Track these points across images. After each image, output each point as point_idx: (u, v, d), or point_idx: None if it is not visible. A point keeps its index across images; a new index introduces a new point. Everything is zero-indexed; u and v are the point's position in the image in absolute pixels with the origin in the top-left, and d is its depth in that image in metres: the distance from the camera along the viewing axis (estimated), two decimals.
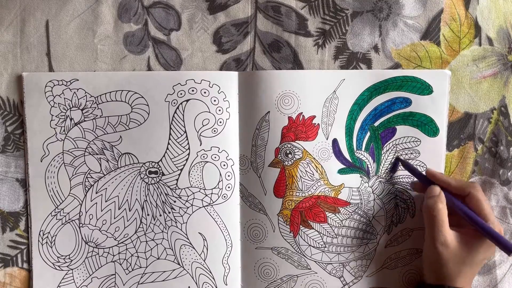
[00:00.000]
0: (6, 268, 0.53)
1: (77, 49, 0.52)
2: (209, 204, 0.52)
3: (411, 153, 0.53)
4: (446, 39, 0.52)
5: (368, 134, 0.53)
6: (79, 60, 0.52)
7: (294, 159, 0.52)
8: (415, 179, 0.52)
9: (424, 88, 0.52)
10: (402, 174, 0.53)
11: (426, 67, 0.52)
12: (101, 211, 0.52)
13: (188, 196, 0.52)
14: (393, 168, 0.53)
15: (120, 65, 0.52)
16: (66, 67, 0.52)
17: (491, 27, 0.52)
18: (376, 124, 0.53)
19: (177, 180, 0.52)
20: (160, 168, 0.52)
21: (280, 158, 0.52)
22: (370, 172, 0.53)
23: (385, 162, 0.53)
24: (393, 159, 0.53)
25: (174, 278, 0.53)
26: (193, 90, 0.51)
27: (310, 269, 0.53)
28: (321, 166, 0.52)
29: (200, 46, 0.52)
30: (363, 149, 0.53)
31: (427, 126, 0.52)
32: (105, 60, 0.52)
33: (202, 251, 0.52)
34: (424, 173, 0.51)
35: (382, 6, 0.52)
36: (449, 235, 0.46)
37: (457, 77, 0.53)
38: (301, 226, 0.52)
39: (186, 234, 0.52)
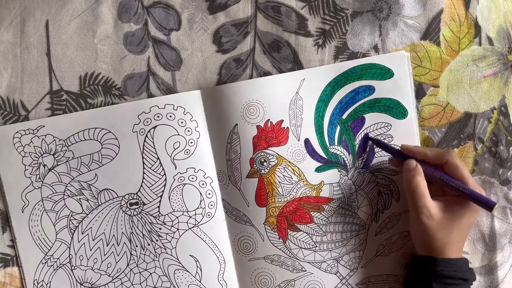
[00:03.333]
0: (6, 268, 0.53)
1: (77, 49, 0.52)
2: (195, 225, 0.52)
3: (384, 139, 0.53)
4: (446, 39, 0.53)
5: (338, 128, 0.53)
6: (79, 60, 0.52)
7: (270, 166, 0.52)
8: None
9: (385, 73, 0.52)
10: (380, 161, 0.53)
11: (426, 67, 0.53)
12: (90, 250, 0.52)
13: (172, 221, 0.52)
14: (365, 148, 0.53)
15: (120, 65, 0.52)
16: (66, 67, 0.52)
17: (491, 27, 0.53)
18: (344, 116, 0.53)
19: (158, 207, 0.52)
20: (140, 199, 0.52)
21: (256, 167, 0.52)
22: (348, 165, 0.53)
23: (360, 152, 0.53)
24: (363, 140, 0.53)
25: None
26: (158, 116, 0.51)
27: (306, 271, 0.53)
28: (298, 168, 0.52)
29: (200, 46, 0.52)
30: (336, 143, 0.53)
31: (395, 109, 0.53)
32: (105, 60, 0.52)
33: (196, 272, 0.53)
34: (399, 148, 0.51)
35: (382, 6, 0.52)
36: (432, 207, 0.46)
37: (457, 77, 0.53)
38: (288, 230, 0.53)
39: (178, 259, 0.52)
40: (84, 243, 0.52)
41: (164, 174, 0.52)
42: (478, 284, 0.54)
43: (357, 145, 0.53)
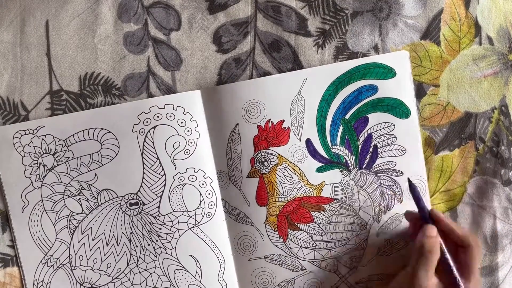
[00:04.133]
0: (6, 268, 0.53)
1: (77, 49, 0.52)
2: (195, 225, 0.52)
3: (388, 139, 0.53)
4: (446, 39, 0.52)
5: (341, 128, 0.53)
6: (79, 60, 0.52)
7: (271, 166, 0.52)
8: (410, 208, 0.51)
9: (387, 72, 0.52)
10: (384, 161, 0.53)
11: (426, 67, 0.52)
12: (90, 250, 0.52)
13: (172, 221, 0.52)
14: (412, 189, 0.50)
15: (120, 65, 0.52)
16: (66, 67, 0.52)
17: (491, 26, 0.52)
18: (347, 116, 0.53)
19: (158, 207, 0.52)
20: (139, 199, 0.52)
21: (257, 167, 0.52)
22: (350, 165, 0.53)
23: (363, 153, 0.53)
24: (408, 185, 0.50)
25: None
26: (158, 116, 0.51)
27: (305, 269, 0.53)
28: (299, 168, 0.52)
29: (200, 46, 0.52)
30: (338, 143, 0.53)
31: (398, 109, 0.52)
32: (105, 60, 0.52)
33: (196, 272, 0.53)
34: (429, 208, 0.49)
35: (382, 6, 0.52)
36: (431, 281, 0.45)
37: (458, 76, 0.53)
38: (289, 230, 0.53)
39: (178, 259, 0.52)
40: (84, 243, 0.52)
41: (164, 174, 0.52)
42: None
43: (360, 146, 0.53)
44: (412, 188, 0.49)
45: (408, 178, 0.50)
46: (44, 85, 0.52)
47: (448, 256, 0.46)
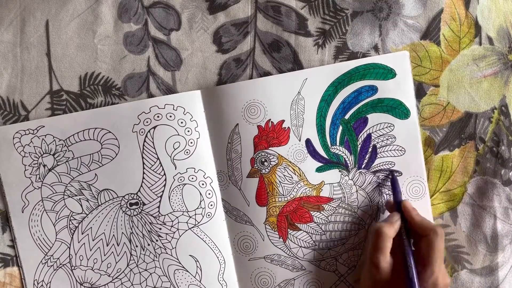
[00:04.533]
0: (6, 268, 0.53)
1: (77, 49, 0.52)
2: (195, 225, 0.52)
3: (387, 139, 0.53)
4: (446, 39, 0.53)
5: (341, 128, 0.53)
6: (79, 60, 0.52)
7: (270, 166, 0.52)
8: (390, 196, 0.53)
9: (387, 73, 0.52)
10: (382, 161, 0.53)
11: (426, 67, 0.52)
12: (90, 250, 0.52)
13: (172, 221, 0.52)
14: (392, 181, 0.52)
15: (120, 65, 0.52)
16: (66, 67, 0.52)
17: (491, 26, 0.52)
18: (347, 117, 0.53)
19: (158, 207, 0.52)
20: (140, 199, 0.52)
21: (257, 167, 0.52)
22: (349, 165, 0.53)
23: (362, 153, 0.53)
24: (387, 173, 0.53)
25: None
26: (158, 116, 0.51)
27: (305, 269, 0.53)
28: (299, 168, 0.52)
29: (200, 46, 0.52)
30: (337, 144, 0.53)
31: (397, 109, 0.52)
32: (105, 60, 0.52)
33: (196, 272, 0.53)
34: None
35: (382, 6, 0.52)
36: (384, 261, 0.46)
37: (458, 76, 0.53)
38: (288, 229, 0.53)
39: (178, 259, 0.52)
40: (84, 243, 0.52)
41: (164, 174, 0.52)
42: (478, 285, 0.54)
43: (359, 146, 0.53)
44: (393, 180, 0.52)
45: (392, 171, 0.52)
46: (44, 85, 0.52)
47: (406, 241, 0.48)
